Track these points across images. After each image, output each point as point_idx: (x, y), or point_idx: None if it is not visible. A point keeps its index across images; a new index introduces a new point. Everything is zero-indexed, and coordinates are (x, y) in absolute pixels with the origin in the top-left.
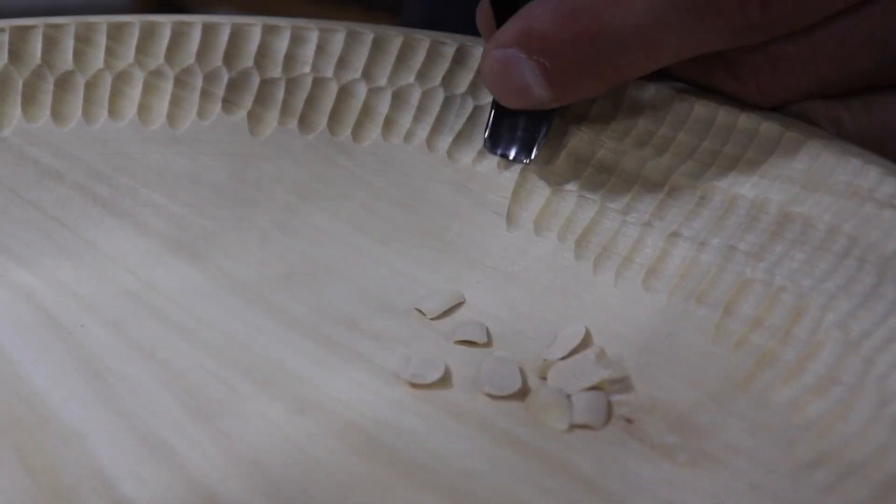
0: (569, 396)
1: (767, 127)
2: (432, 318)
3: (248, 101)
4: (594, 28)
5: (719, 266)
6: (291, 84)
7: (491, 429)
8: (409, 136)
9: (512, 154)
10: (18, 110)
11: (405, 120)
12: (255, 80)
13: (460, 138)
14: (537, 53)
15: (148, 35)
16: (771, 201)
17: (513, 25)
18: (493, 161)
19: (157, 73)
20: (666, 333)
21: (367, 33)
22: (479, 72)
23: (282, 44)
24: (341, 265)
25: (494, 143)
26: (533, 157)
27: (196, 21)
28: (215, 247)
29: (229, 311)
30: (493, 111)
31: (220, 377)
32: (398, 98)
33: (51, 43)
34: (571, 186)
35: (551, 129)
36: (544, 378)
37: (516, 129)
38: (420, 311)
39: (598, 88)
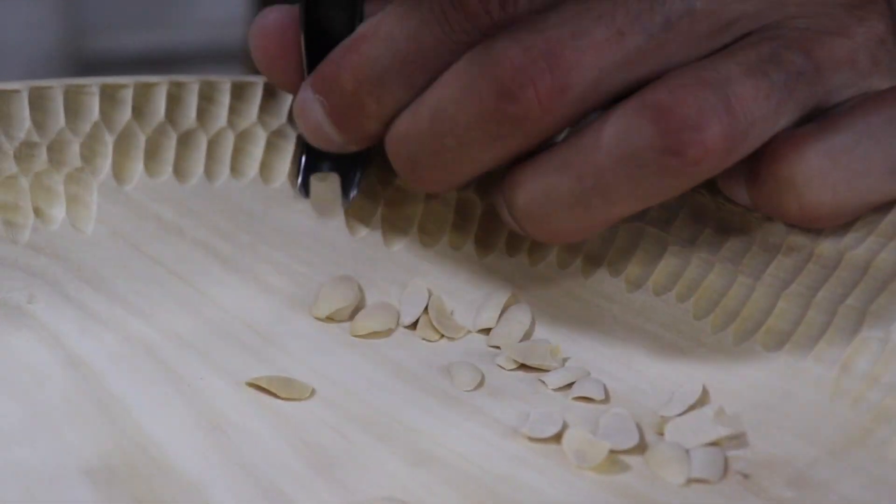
0: (687, 451)
1: None
2: (555, 389)
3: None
4: (355, 62)
5: (836, 325)
6: None
7: (609, 483)
8: None
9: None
10: (141, 166)
11: None
12: None
13: None
14: (319, 92)
15: (270, 95)
16: (885, 260)
17: (315, 70)
18: None
19: (279, 133)
20: (783, 391)
21: None
22: None
23: None
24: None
25: (308, 189)
26: (349, 201)
27: None
28: None
29: (349, 365)
30: (303, 157)
31: (339, 430)
32: None
33: (174, 100)
34: (690, 247)
35: (364, 175)
36: (661, 434)
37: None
38: (543, 382)
39: (375, 127)
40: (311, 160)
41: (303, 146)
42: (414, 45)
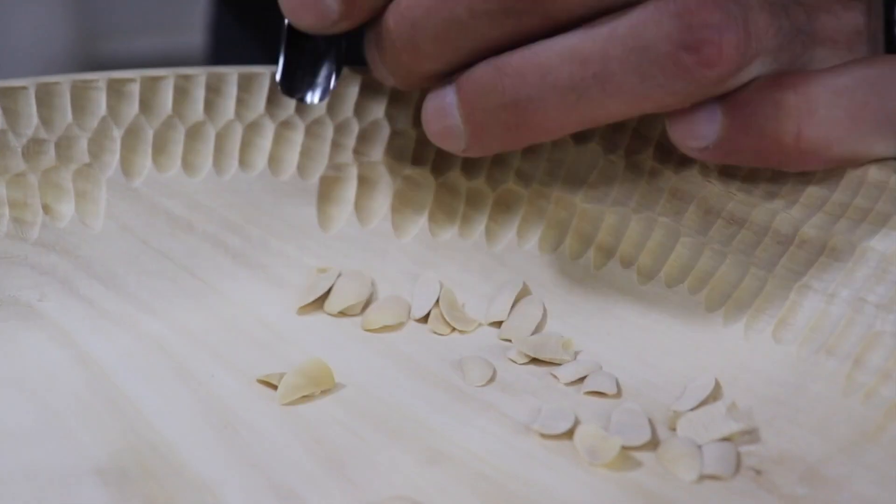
0: (699, 447)
1: None
2: (567, 384)
3: (378, 152)
4: None
5: (849, 318)
6: (422, 135)
7: (621, 479)
8: None
9: (308, 97)
10: (149, 161)
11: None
12: (386, 132)
13: None
14: None
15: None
16: None
17: None
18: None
19: (287, 125)
20: (795, 385)
21: None
22: None
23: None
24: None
25: (289, 86)
26: (326, 97)
27: None
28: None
29: (360, 361)
30: (283, 52)
31: (350, 427)
32: None
33: (181, 93)
34: (702, 239)
35: (342, 72)
36: (674, 429)
37: (308, 69)
38: (555, 376)
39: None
40: (291, 53)
41: (286, 37)
42: None
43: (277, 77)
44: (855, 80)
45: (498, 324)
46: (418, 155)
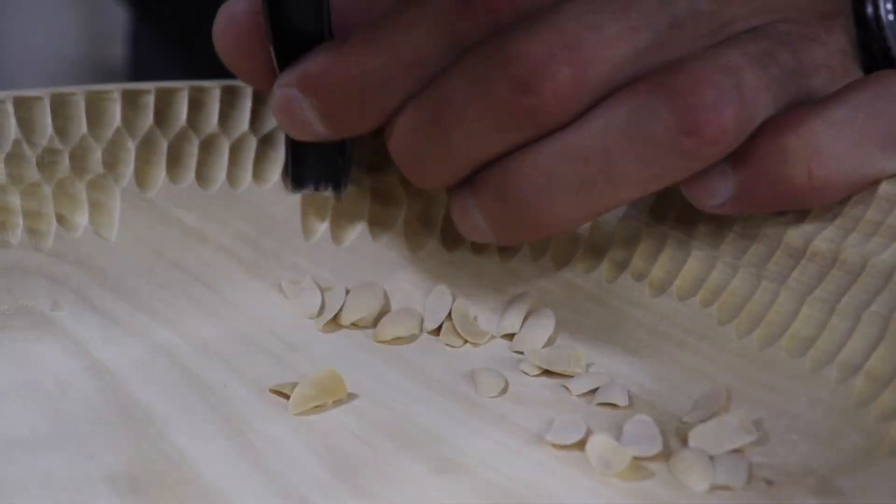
0: (710, 458)
1: None
2: (578, 395)
3: (392, 166)
4: (357, 70)
5: (860, 331)
6: None
7: (632, 490)
8: None
9: (323, 188)
10: (163, 172)
11: None
12: None
13: None
14: (311, 95)
15: None
16: None
17: (295, 66)
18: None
19: None
20: (807, 397)
21: None
22: None
23: None
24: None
25: (299, 181)
26: (343, 191)
27: None
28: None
29: (372, 372)
30: (289, 147)
31: (362, 437)
32: None
33: (196, 105)
34: (714, 252)
35: (354, 159)
36: (685, 440)
37: (318, 161)
38: (567, 388)
39: (371, 125)
40: (297, 150)
41: (287, 138)
42: (418, 53)
43: (286, 174)
44: (851, 109)
45: (510, 336)
46: None
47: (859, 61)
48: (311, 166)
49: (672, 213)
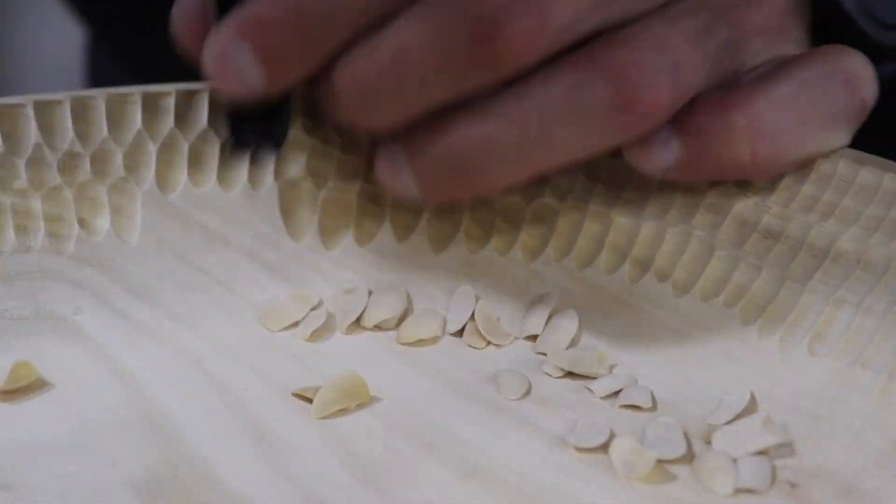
0: (734, 460)
1: None
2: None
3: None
4: (295, 2)
5: (884, 332)
6: None
7: (656, 493)
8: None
9: (263, 148)
10: (185, 175)
11: None
12: None
13: None
14: (247, 36)
15: (312, 99)
16: None
17: (231, 16)
18: None
19: (323, 139)
20: (831, 398)
21: None
22: None
23: None
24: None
25: (239, 144)
26: (281, 148)
27: None
28: None
29: (396, 375)
30: (227, 112)
31: (385, 441)
32: None
33: (217, 107)
34: (737, 252)
35: (292, 120)
36: (709, 442)
37: (257, 121)
38: (590, 390)
39: (311, 64)
40: (235, 113)
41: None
42: None
43: (227, 140)
44: (795, 86)
45: (533, 338)
46: None
47: (799, 17)
48: (250, 128)
49: (696, 214)
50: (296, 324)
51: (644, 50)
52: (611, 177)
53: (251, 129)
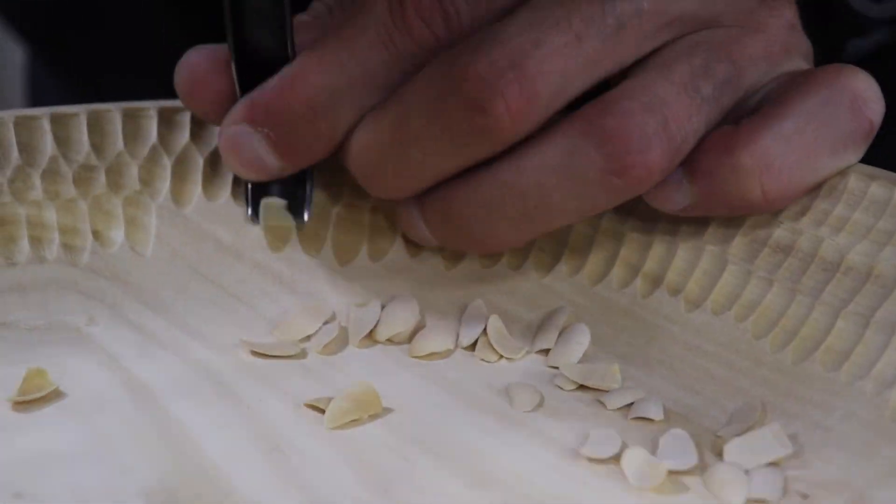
0: (746, 472)
1: None
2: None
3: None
4: (306, 91)
5: (894, 344)
6: None
7: (667, 503)
8: None
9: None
10: (199, 188)
11: None
12: None
13: None
14: (261, 125)
15: None
16: None
17: (240, 102)
18: None
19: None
20: (842, 410)
21: None
22: None
23: None
24: None
25: (259, 215)
26: (306, 218)
27: None
28: None
29: (408, 387)
30: (248, 184)
31: (398, 451)
32: None
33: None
34: (748, 267)
35: (314, 186)
36: (720, 454)
37: (279, 193)
38: (602, 403)
39: (326, 149)
40: (258, 184)
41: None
42: (363, 68)
43: (248, 211)
44: (799, 120)
45: (545, 352)
46: None
47: (807, 24)
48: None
49: (707, 229)
50: (308, 337)
51: (634, 113)
52: None
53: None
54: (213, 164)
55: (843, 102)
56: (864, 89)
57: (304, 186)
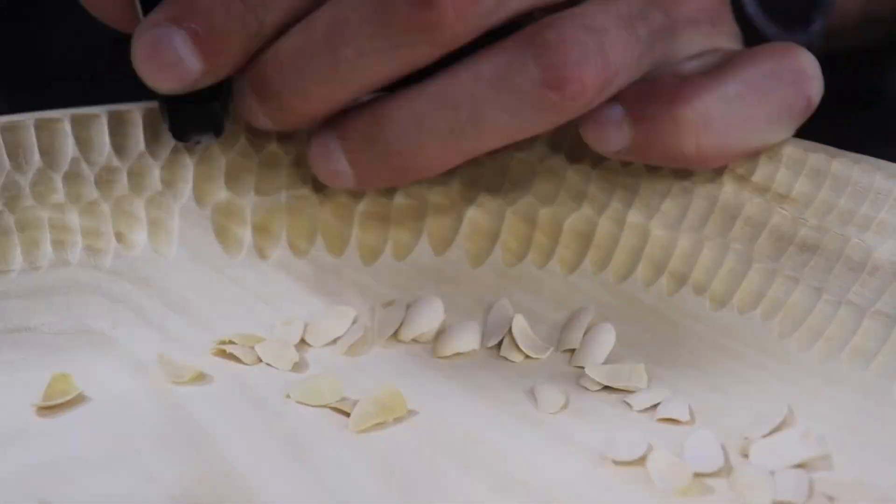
0: (772, 474)
1: None
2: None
3: (451, 180)
4: None
5: None
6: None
7: None
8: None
9: (203, 138)
10: (222, 188)
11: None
12: None
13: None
14: (187, 21)
15: None
16: None
17: (163, 5)
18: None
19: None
20: (868, 412)
21: None
22: None
23: None
24: None
25: (180, 132)
26: (223, 131)
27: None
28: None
29: (433, 389)
30: (163, 101)
31: (423, 455)
32: None
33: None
34: (774, 265)
35: (230, 101)
36: (746, 456)
37: (195, 109)
38: (628, 404)
39: (250, 48)
40: (171, 100)
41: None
42: None
43: (166, 126)
44: (742, 84)
45: (570, 351)
46: (491, 184)
47: (731, 11)
48: (189, 115)
49: (733, 227)
50: (335, 340)
51: (573, 30)
52: (649, 190)
53: (190, 117)
54: (236, 163)
55: (786, 77)
56: (807, 68)
57: (219, 98)
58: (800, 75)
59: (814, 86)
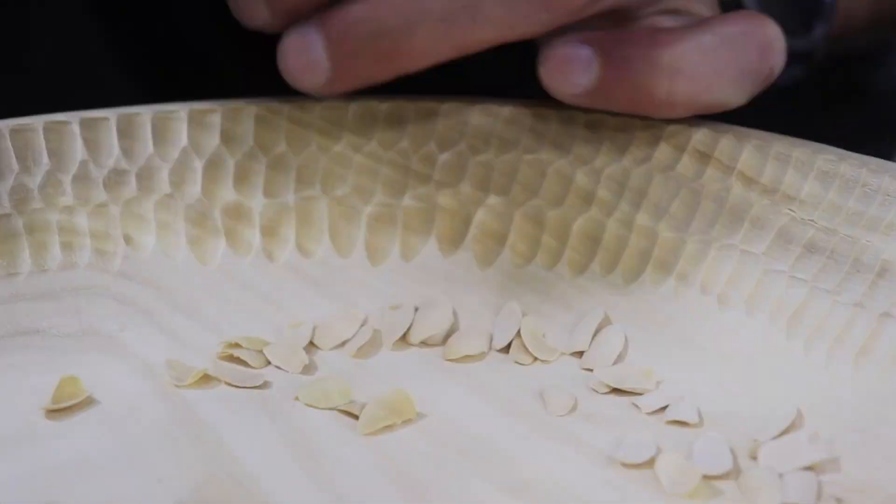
0: (780, 476)
1: None
2: (648, 413)
3: (460, 182)
4: None
5: None
6: (505, 165)
7: None
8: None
9: None
10: (231, 191)
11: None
12: (468, 162)
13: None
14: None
15: (361, 117)
16: None
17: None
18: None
19: (371, 155)
20: (877, 414)
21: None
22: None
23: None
24: None
25: None
26: None
27: (411, 105)
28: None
29: (442, 391)
30: None
31: (432, 457)
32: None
33: (263, 124)
34: (782, 267)
35: None
36: (755, 458)
37: None
38: (637, 406)
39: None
40: None
41: None
42: None
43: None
44: (718, 39)
45: (579, 354)
46: (500, 186)
47: None
48: None
49: (741, 229)
50: (343, 343)
51: None
52: (657, 192)
53: None
54: (244, 166)
55: (755, 41)
56: (774, 38)
57: None
58: (767, 45)
59: (777, 57)
